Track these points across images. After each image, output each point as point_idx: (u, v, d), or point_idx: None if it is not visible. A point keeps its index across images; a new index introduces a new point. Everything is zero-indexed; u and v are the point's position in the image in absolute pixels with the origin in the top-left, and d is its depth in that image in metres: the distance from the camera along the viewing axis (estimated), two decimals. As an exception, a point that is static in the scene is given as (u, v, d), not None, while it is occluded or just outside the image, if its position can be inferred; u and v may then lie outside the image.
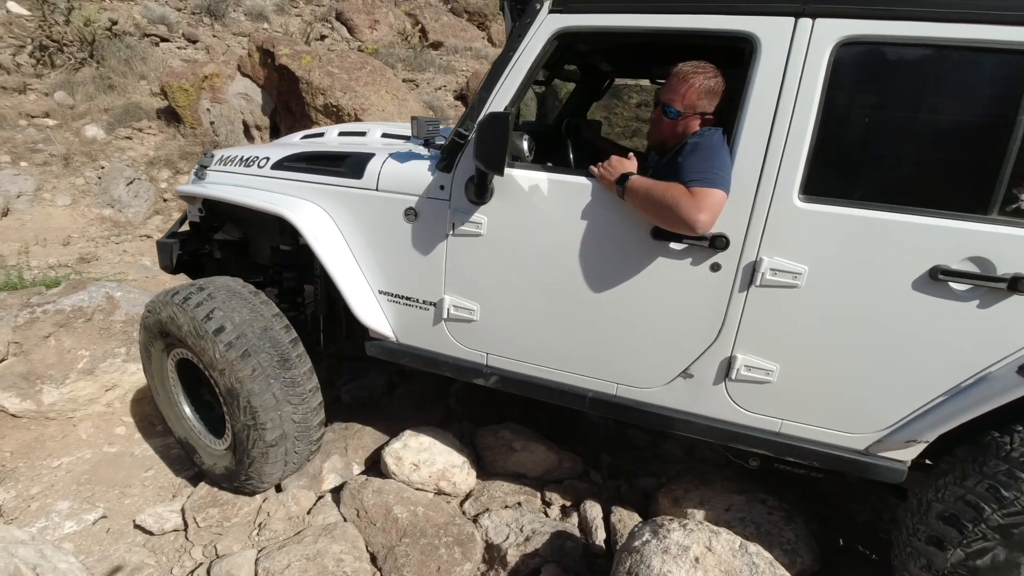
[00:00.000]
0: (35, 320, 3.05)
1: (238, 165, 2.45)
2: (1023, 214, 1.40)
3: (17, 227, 5.49)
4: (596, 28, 1.70)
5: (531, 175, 1.81)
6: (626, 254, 1.74)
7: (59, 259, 4.83)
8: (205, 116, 7.02)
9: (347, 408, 3.14)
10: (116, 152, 6.70)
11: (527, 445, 2.55)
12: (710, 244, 1.62)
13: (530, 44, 1.74)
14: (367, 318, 2.15)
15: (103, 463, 2.85)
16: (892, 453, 1.69)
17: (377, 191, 2.04)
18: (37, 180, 6.00)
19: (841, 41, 1.45)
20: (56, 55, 7.58)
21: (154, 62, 8.05)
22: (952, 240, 1.43)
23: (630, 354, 1.86)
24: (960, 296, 1.46)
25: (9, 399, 2.91)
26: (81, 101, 7.27)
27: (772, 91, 1.51)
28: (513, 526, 2.14)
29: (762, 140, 1.53)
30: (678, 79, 1.69)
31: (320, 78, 6.09)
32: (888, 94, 1.50)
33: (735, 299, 1.67)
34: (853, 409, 1.68)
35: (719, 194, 1.51)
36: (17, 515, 2.51)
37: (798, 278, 1.58)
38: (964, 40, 1.36)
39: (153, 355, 2.42)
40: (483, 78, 1.84)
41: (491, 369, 2.08)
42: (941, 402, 1.57)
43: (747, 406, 1.79)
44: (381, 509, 2.17)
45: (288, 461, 2.23)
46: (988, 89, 1.41)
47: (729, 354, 1.73)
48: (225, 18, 9.72)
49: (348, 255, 2.14)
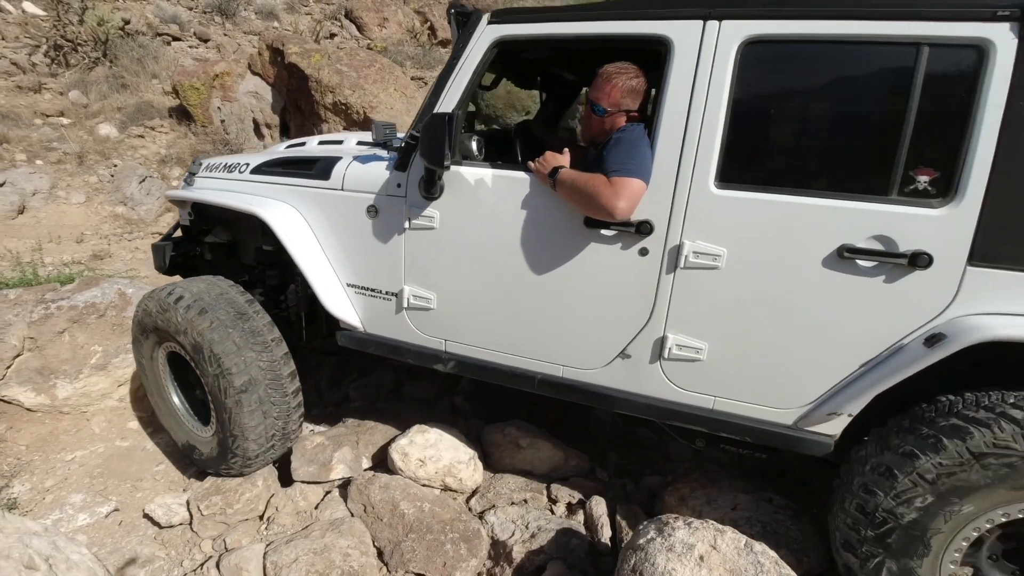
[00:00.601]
0: (50, 316, 3.10)
1: (222, 171, 2.65)
2: (920, 194, 1.49)
3: (32, 224, 5.58)
4: (529, 36, 1.88)
5: (477, 171, 1.96)
6: (563, 242, 1.86)
7: (73, 256, 4.90)
8: (216, 114, 7.08)
9: (359, 407, 3.16)
10: (129, 150, 6.78)
11: (533, 442, 2.56)
12: (636, 230, 1.73)
13: (472, 52, 1.92)
14: (336, 309, 2.28)
15: (115, 457, 2.90)
16: (818, 427, 1.75)
17: (342, 190, 2.21)
18: (52, 178, 6.09)
19: (745, 40, 1.58)
20: (70, 55, 7.67)
21: (166, 61, 8.13)
22: (856, 220, 1.52)
23: (572, 337, 1.96)
24: (867, 272, 1.54)
25: (24, 393, 2.97)
26: (95, 100, 7.36)
27: (685, 88, 1.63)
28: (519, 523, 2.15)
29: (679, 133, 1.65)
30: (603, 79, 1.83)
31: (329, 76, 6.12)
32: (791, 87, 1.63)
33: (663, 281, 1.77)
34: (778, 385, 1.75)
35: (637, 183, 1.64)
36: (32, 507, 2.56)
37: (718, 260, 1.68)
38: (854, 35, 1.48)
39: (144, 351, 2.60)
40: (432, 84, 1.96)
41: (449, 355, 2.20)
42: (859, 375, 1.63)
43: (681, 384, 1.87)
44: (388, 505, 2.19)
45: (267, 413, 2.30)
46: (880, 79, 1.52)
47: (661, 334, 1.82)
48: (236, 17, 9.79)
49: (319, 251, 2.29)
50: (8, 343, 2.97)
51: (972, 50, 1.40)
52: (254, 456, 2.36)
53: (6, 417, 2.98)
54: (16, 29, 7.88)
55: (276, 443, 2.41)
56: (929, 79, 1.43)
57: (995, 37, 1.38)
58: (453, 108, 1.93)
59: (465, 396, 3.17)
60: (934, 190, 1.47)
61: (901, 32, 1.44)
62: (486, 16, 1.92)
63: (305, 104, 6.55)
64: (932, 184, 1.47)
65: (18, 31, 7.86)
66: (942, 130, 1.45)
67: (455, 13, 1.99)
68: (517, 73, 2.70)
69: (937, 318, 1.51)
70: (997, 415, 1.45)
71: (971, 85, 1.40)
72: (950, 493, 1.50)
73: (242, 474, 2.44)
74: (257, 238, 2.58)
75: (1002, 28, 1.37)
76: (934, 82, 1.43)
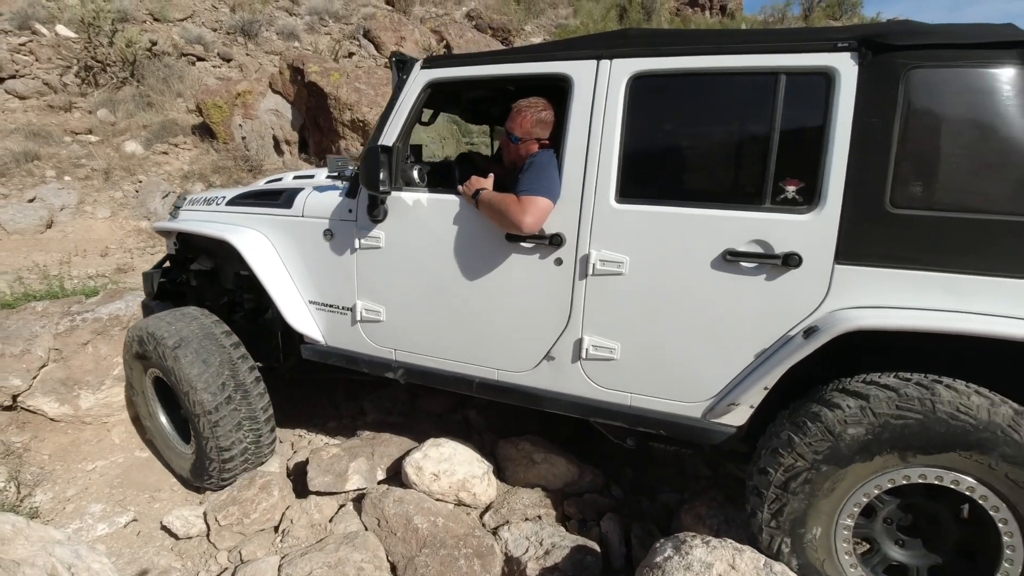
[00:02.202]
0: (75, 328, 3.17)
1: (202, 204, 2.96)
2: (789, 202, 1.68)
3: (60, 238, 5.74)
4: (456, 78, 2.17)
5: (416, 196, 2.21)
6: (490, 256, 2.08)
7: (97, 269, 5.02)
8: (237, 131, 7.25)
9: (374, 420, 3.18)
10: (153, 167, 6.96)
11: (548, 457, 2.54)
12: (550, 242, 1.95)
13: (408, 92, 2.21)
14: (299, 324, 2.50)
15: (135, 467, 2.94)
16: (722, 418, 1.87)
17: (303, 217, 2.48)
18: (79, 193, 6.27)
19: (633, 75, 1.82)
20: (100, 75, 7.94)
21: (190, 80, 8.37)
22: (737, 227, 1.71)
23: (503, 342, 2.15)
24: (750, 272, 1.72)
25: (49, 403, 3.03)
26: (122, 118, 7.59)
27: (585, 117, 1.88)
28: (533, 539, 2.13)
29: (582, 155, 1.88)
30: (516, 112, 2.10)
31: (347, 94, 6.25)
32: (674, 113, 1.88)
33: (577, 288, 1.96)
34: (684, 380, 1.90)
35: (543, 201, 1.88)
36: (54, 516, 2.60)
37: (622, 266, 1.87)
38: (723, 68, 1.73)
39: (135, 377, 2.84)
40: (376, 122, 2.31)
41: (398, 363, 2.38)
42: (753, 368, 1.77)
43: (600, 382, 2.02)
44: (402, 519, 2.18)
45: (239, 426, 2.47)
46: (748, 103, 1.75)
47: (579, 336, 1.99)
48: (258, 37, 10.07)
49: (283, 272, 2.54)
50: (35, 354, 3.04)
51: (821, 76, 1.62)
52: (229, 469, 2.50)
53: (31, 427, 3.05)
54: (49, 51, 8.18)
55: (250, 456, 2.56)
56: (788, 102, 1.65)
57: (838, 65, 1.60)
58: (393, 141, 2.18)
59: (478, 410, 3.16)
60: (801, 198, 1.66)
61: (762, 64, 1.68)
62: (419, 62, 2.22)
63: (324, 121, 6.69)
64: (799, 193, 1.66)
65: (51, 53, 8.17)
66: (803, 145, 1.65)
67: (396, 61, 2.28)
68: (465, 111, 3.09)
69: (815, 312, 1.66)
70: (842, 396, 1.62)
71: (823, 106, 1.61)
72: (821, 469, 1.63)
73: (220, 486, 2.57)
74: (235, 264, 2.78)
75: (844, 57, 1.59)
76: (793, 104, 1.65)
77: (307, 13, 11.35)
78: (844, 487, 1.64)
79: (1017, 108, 1.46)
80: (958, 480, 1.54)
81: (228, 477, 2.54)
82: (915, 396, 1.53)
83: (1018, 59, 1.46)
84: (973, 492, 1.54)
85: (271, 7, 11.11)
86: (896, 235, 1.56)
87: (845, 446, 1.59)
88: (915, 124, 1.53)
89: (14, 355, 3.01)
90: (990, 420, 1.46)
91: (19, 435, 3.00)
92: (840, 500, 1.65)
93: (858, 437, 1.57)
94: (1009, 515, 1.53)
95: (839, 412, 1.59)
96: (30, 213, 5.76)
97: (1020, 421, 1.46)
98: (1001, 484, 1.49)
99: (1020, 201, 1.48)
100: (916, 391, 1.54)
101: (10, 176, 6.24)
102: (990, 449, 1.47)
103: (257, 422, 2.53)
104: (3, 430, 2.99)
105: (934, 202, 1.54)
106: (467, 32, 11.19)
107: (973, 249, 1.51)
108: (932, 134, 1.54)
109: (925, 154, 1.54)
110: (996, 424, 1.46)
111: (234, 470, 2.53)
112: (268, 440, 2.61)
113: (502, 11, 12.59)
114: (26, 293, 3.80)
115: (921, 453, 1.54)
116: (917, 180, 1.55)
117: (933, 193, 1.54)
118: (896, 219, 1.56)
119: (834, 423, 1.59)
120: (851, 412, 1.58)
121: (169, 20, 9.68)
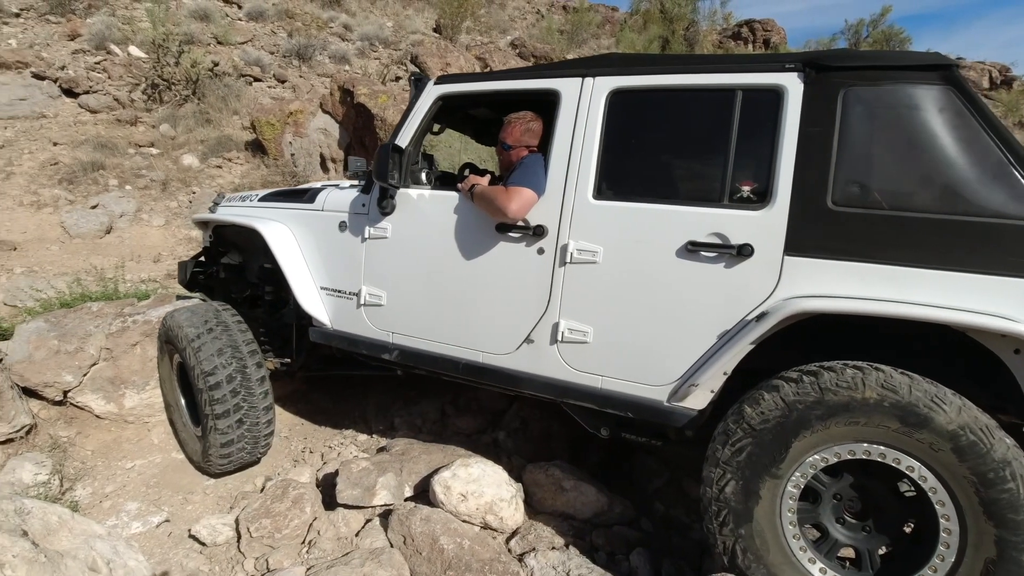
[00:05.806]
0: (126, 329, 3.31)
1: (237, 201, 3.28)
2: (744, 200, 1.88)
3: (117, 244, 6.04)
4: (463, 92, 2.46)
5: (421, 191, 2.49)
6: (480, 245, 2.30)
7: (150, 274, 5.25)
8: (287, 148, 7.55)
9: (403, 436, 3.18)
10: (207, 179, 7.30)
11: (577, 485, 2.49)
12: (533, 233, 2.16)
13: (421, 103, 2.51)
14: (309, 307, 2.72)
15: (171, 468, 3.01)
16: (684, 402, 1.97)
17: (323, 211, 2.76)
18: (138, 202, 6.61)
19: (612, 91, 2.09)
20: (165, 92, 8.43)
21: (247, 99, 8.80)
22: (698, 221, 1.91)
23: (488, 325, 2.33)
24: (709, 261, 1.89)
25: (96, 401, 3.15)
26: (182, 133, 8.01)
27: (570, 125, 2.14)
28: (559, 568, 2.07)
29: (565, 159, 2.14)
30: (507, 123, 2.39)
31: (393, 115, 6.44)
32: (647, 123, 2.13)
33: (556, 274, 2.15)
34: (650, 364, 2.02)
35: (527, 192, 2.12)
36: (91, 511, 2.67)
37: (596, 255, 2.06)
38: (689, 85, 2.00)
39: (163, 364, 3.09)
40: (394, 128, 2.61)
41: (394, 345, 2.57)
42: (713, 351, 1.90)
43: (575, 365, 2.16)
44: (428, 538, 2.16)
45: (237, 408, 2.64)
46: (711, 115, 1.97)
47: (556, 320, 2.16)
48: (312, 60, 10.54)
49: (301, 260, 2.79)
50: (87, 352, 3.18)
51: (772, 92, 1.86)
52: (227, 454, 2.70)
53: (77, 422, 3.17)
54: (121, 69, 8.75)
55: (246, 444, 2.73)
56: (744, 114, 1.88)
57: (786, 83, 1.84)
58: (405, 144, 2.46)
59: (508, 432, 3.13)
60: (755, 197, 1.86)
61: (722, 81, 1.93)
62: (433, 79, 2.53)
63: (369, 140, 6.90)
64: (753, 192, 1.87)
65: (122, 71, 8.74)
66: (756, 152, 1.87)
67: (414, 79, 2.59)
68: (475, 131, 3.35)
69: (767, 300, 1.81)
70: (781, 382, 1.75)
71: (774, 118, 1.84)
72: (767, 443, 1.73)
73: (221, 473, 2.81)
74: (260, 258, 3.06)
75: (791, 76, 1.84)
76: (748, 116, 1.88)
77: (359, 39, 11.85)
78: (785, 466, 1.74)
79: (936, 120, 1.67)
80: (899, 459, 1.64)
81: (225, 463, 2.75)
82: (849, 376, 1.66)
83: (937, 80, 1.67)
84: (912, 472, 1.62)
85: (325, 33, 11.64)
86: (838, 230, 1.74)
87: (784, 426, 1.71)
88: (851, 133, 1.75)
89: (68, 352, 3.15)
90: (911, 395, 1.58)
91: (66, 429, 3.13)
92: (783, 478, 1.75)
93: (789, 418, 1.70)
94: (947, 497, 1.58)
95: (773, 397, 1.73)
96: (92, 219, 6.10)
97: (942, 397, 1.56)
98: (940, 466, 1.57)
99: (943, 200, 1.65)
100: (852, 372, 1.67)
101: (77, 183, 6.64)
102: (917, 425, 1.56)
103: (256, 411, 2.71)
104: (52, 424, 3.12)
105: (869, 201, 1.72)
106: (510, 60, 11.43)
107: (905, 243, 1.66)
108: (866, 141, 1.75)
109: (860, 159, 1.75)
110: (917, 398, 1.58)
111: (232, 456, 2.73)
112: (266, 431, 2.80)
113: (546, 40, 12.85)
114: (83, 294, 4.00)
115: (849, 424, 1.65)
116: (854, 181, 1.74)
117: (868, 193, 1.73)
118: (837, 216, 1.74)
119: (771, 405, 1.73)
120: (782, 399, 1.72)
121: (231, 43, 10.24)
